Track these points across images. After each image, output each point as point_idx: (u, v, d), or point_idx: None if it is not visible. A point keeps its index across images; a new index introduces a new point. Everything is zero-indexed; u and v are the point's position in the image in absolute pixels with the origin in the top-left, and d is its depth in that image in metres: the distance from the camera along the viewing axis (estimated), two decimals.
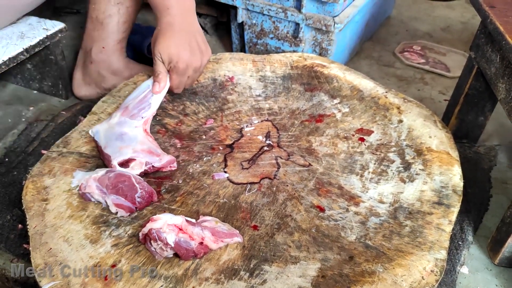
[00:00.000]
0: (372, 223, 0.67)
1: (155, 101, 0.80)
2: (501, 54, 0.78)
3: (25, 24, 0.96)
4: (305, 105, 0.90)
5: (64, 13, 1.35)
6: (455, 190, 0.72)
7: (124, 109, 0.78)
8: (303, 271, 0.60)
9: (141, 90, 0.81)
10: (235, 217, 0.68)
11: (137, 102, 0.79)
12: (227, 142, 0.81)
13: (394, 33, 1.43)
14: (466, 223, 0.79)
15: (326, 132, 0.84)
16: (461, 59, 1.27)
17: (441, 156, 0.77)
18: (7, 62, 0.88)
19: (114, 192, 0.65)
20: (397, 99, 0.89)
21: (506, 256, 0.73)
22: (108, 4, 0.94)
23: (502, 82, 0.78)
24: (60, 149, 0.75)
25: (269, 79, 0.95)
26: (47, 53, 0.98)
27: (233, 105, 0.89)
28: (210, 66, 0.96)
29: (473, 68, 0.89)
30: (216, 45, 1.31)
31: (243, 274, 0.60)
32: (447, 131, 0.82)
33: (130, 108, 0.78)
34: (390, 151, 0.79)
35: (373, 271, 0.60)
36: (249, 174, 0.75)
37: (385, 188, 0.73)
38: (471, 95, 0.91)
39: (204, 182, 0.73)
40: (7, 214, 0.74)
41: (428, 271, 0.60)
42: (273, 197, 0.71)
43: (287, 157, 0.78)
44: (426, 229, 0.66)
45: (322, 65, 0.97)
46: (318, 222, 0.67)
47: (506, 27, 0.74)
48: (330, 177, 0.75)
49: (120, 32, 0.98)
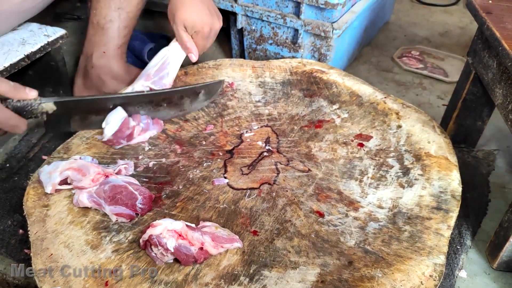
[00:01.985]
0: (371, 228, 0.68)
1: (173, 69, 0.88)
2: (497, 60, 0.79)
3: (26, 31, 0.96)
4: (305, 111, 0.90)
5: (65, 19, 1.36)
6: (454, 195, 0.72)
7: (146, 76, 0.86)
8: (303, 276, 0.61)
9: (160, 57, 0.88)
10: (235, 223, 0.68)
11: (156, 70, 0.86)
12: (227, 147, 0.82)
13: (393, 38, 1.44)
14: (465, 228, 0.80)
15: (325, 137, 0.84)
16: (459, 64, 1.28)
17: (439, 161, 0.78)
18: (8, 68, 0.88)
19: (114, 203, 0.65)
20: (395, 104, 0.89)
21: (504, 260, 0.74)
22: (108, 9, 0.95)
23: (499, 88, 0.78)
24: (61, 155, 0.76)
25: (269, 85, 0.96)
26: (48, 59, 0.99)
27: (233, 111, 0.90)
28: (210, 72, 0.97)
29: (470, 74, 0.90)
30: (215, 51, 1.32)
31: (243, 279, 0.60)
32: (445, 136, 0.83)
33: (151, 75, 0.86)
34: (389, 157, 0.80)
35: (372, 276, 0.61)
36: (249, 180, 0.75)
37: (384, 193, 0.73)
38: (469, 100, 0.92)
39: (204, 187, 0.73)
40: (8, 220, 0.75)
41: (427, 276, 0.61)
42: (273, 202, 0.72)
43: (286, 162, 0.79)
44: (425, 234, 0.66)
45: (321, 71, 0.97)
46: (318, 227, 0.68)
47: (503, 33, 0.75)
48: (330, 182, 0.75)
49: (120, 37, 0.98)
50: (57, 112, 0.76)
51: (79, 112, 0.79)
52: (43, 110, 0.75)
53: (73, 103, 0.80)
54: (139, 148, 0.80)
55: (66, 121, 0.79)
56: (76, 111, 0.79)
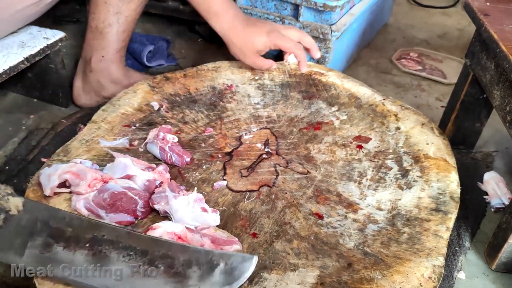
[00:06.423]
0: (370, 230, 0.68)
1: None
2: (495, 62, 0.79)
3: (25, 33, 0.97)
4: (304, 113, 0.90)
5: (64, 21, 1.36)
6: (453, 196, 0.72)
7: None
8: (302, 278, 0.61)
9: None
10: (234, 225, 0.68)
11: None
12: (226, 150, 0.82)
13: (391, 40, 1.44)
14: (463, 229, 0.80)
15: (324, 139, 0.84)
16: (457, 66, 1.28)
17: (438, 163, 0.78)
18: (7, 71, 0.88)
19: (114, 211, 0.65)
20: (394, 106, 0.90)
21: (503, 261, 0.74)
22: (107, 13, 0.95)
23: (497, 89, 0.79)
24: (60, 157, 0.76)
25: (268, 87, 0.96)
26: (48, 62, 0.99)
27: (232, 113, 0.90)
28: (209, 74, 0.97)
29: (468, 75, 0.90)
30: (215, 53, 1.32)
31: None
32: (444, 138, 0.83)
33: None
34: (388, 158, 0.80)
35: (371, 278, 0.61)
36: (248, 182, 0.75)
37: (383, 195, 0.74)
38: (467, 102, 0.92)
39: (204, 190, 0.74)
40: None
41: (426, 278, 0.61)
42: (272, 204, 0.72)
43: (285, 164, 0.79)
44: (424, 236, 0.66)
45: (320, 73, 0.98)
46: (317, 230, 0.68)
47: (500, 35, 0.76)
48: (329, 184, 0.76)
49: (119, 41, 0.99)
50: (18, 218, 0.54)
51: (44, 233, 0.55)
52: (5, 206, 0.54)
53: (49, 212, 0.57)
54: (138, 150, 0.80)
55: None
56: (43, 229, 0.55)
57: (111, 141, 0.80)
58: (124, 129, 0.83)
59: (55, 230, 0.56)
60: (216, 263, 0.56)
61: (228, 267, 0.57)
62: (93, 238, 0.56)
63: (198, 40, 1.38)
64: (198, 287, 0.55)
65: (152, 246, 0.57)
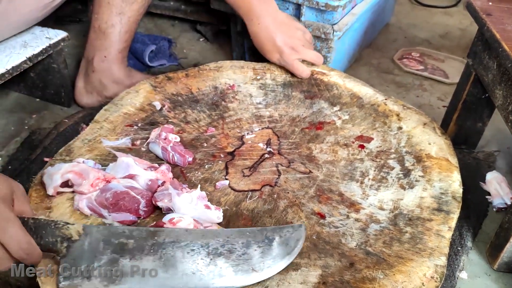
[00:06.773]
0: (373, 229, 0.68)
1: None
2: (497, 61, 0.79)
3: (28, 33, 0.97)
4: (305, 113, 0.90)
5: (66, 21, 1.37)
6: (455, 196, 0.72)
7: None
8: (304, 278, 0.61)
9: None
10: (236, 224, 0.68)
11: None
12: (228, 149, 0.82)
13: (393, 40, 1.44)
14: (465, 229, 0.80)
15: (326, 139, 0.85)
16: (459, 66, 1.28)
17: (440, 162, 0.78)
18: (10, 70, 0.89)
19: (116, 210, 0.65)
20: (396, 106, 0.90)
21: (504, 261, 0.74)
22: (110, 14, 0.95)
23: (499, 89, 0.79)
24: (63, 157, 0.76)
25: (270, 86, 0.96)
26: (50, 62, 0.99)
27: (234, 112, 0.90)
28: (211, 74, 0.97)
29: (470, 75, 0.90)
30: (216, 53, 1.32)
31: None
32: (446, 138, 0.83)
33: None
34: (390, 158, 0.80)
35: (373, 277, 0.61)
36: (250, 182, 0.76)
37: (385, 195, 0.74)
38: (469, 101, 0.92)
39: (206, 189, 0.74)
40: None
41: (428, 277, 0.61)
42: (274, 204, 0.72)
43: (287, 164, 0.79)
44: (426, 236, 0.67)
45: (322, 73, 0.98)
46: (319, 229, 0.68)
47: (503, 35, 0.75)
48: (331, 184, 0.76)
49: (122, 41, 0.99)
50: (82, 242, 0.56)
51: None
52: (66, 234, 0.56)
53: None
54: (140, 150, 0.80)
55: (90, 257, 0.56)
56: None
57: (114, 141, 0.80)
58: (127, 129, 0.83)
59: (117, 245, 0.57)
60: (271, 238, 0.61)
61: (283, 238, 0.61)
62: (155, 243, 0.58)
63: (200, 40, 1.38)
64: (263, 262, 0.59)
65: (209, 238, 0.60)
